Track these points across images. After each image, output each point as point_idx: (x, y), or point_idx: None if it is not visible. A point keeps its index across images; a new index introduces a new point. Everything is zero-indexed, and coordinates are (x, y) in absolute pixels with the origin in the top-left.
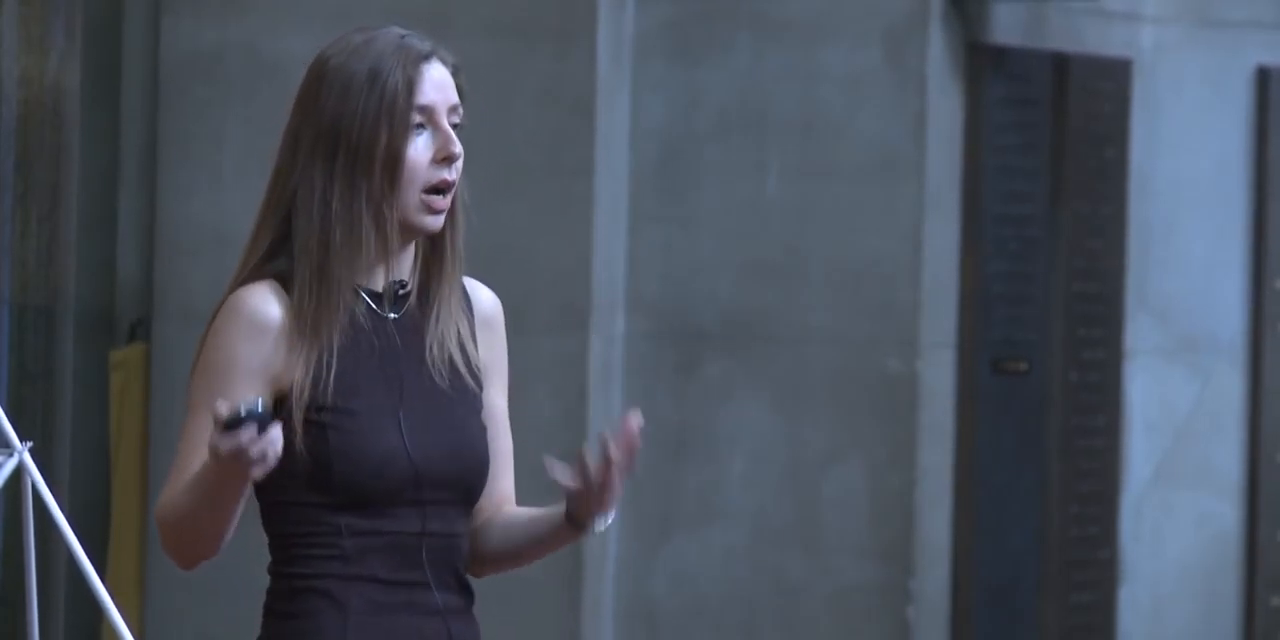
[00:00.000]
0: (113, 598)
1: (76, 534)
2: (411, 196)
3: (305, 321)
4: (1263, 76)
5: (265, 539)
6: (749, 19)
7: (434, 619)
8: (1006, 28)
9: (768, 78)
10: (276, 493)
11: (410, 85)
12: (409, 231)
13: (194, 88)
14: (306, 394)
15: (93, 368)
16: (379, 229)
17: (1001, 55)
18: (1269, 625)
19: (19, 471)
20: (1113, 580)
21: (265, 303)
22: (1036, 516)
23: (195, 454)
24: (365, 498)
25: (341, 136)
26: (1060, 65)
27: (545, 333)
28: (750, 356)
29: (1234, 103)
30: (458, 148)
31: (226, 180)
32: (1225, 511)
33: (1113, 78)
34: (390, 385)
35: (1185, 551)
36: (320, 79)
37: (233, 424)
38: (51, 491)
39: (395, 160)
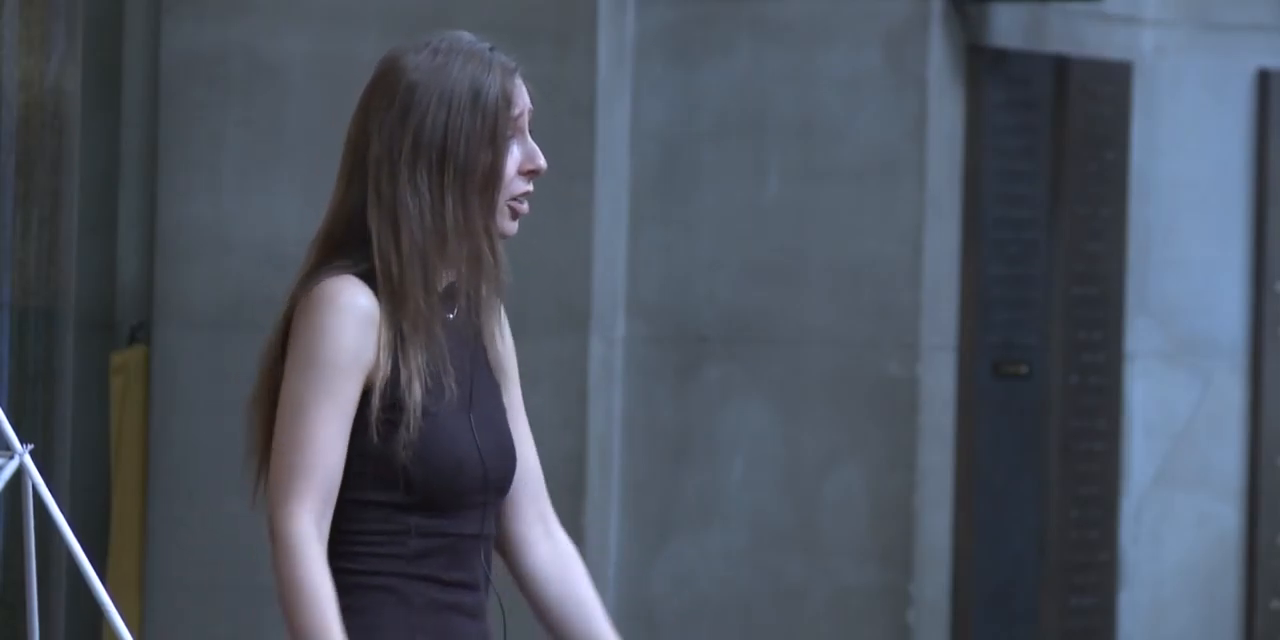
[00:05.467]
0: (113, 598)
1: (76, 535)
2: (501, 204)
3: (406, 324)
4: (1263, 79)
5: (263, 542)
6: (749, 21)
7: (479, 620)
8: (1007, 30)
9: (768, 80)
10: (347, 491)
11: (509, 101)
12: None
13: (194, 90)
14: (394, 395)
15: (93, 370)
16: (488, 237)
17: (1002, 58)
18: (1269, 628)
19: (20, 473)
20: (1113, 583)
21: (360, 295)
22: (1036, 519)
23: (327, 453)
24: (439, 499)
25: (449, 152)
26: (1060, 68)
27: (545, 334)
28: (750, 358)
29: (1234, 106)
30: (543, 162)
31: (226, 183)
32: (1225, 514)
33: (1113, 80)
34: (461, 387)
35: (1185, 554)
36: (417, 90)
37: None
38: (52, 493)
39: (499, 176)
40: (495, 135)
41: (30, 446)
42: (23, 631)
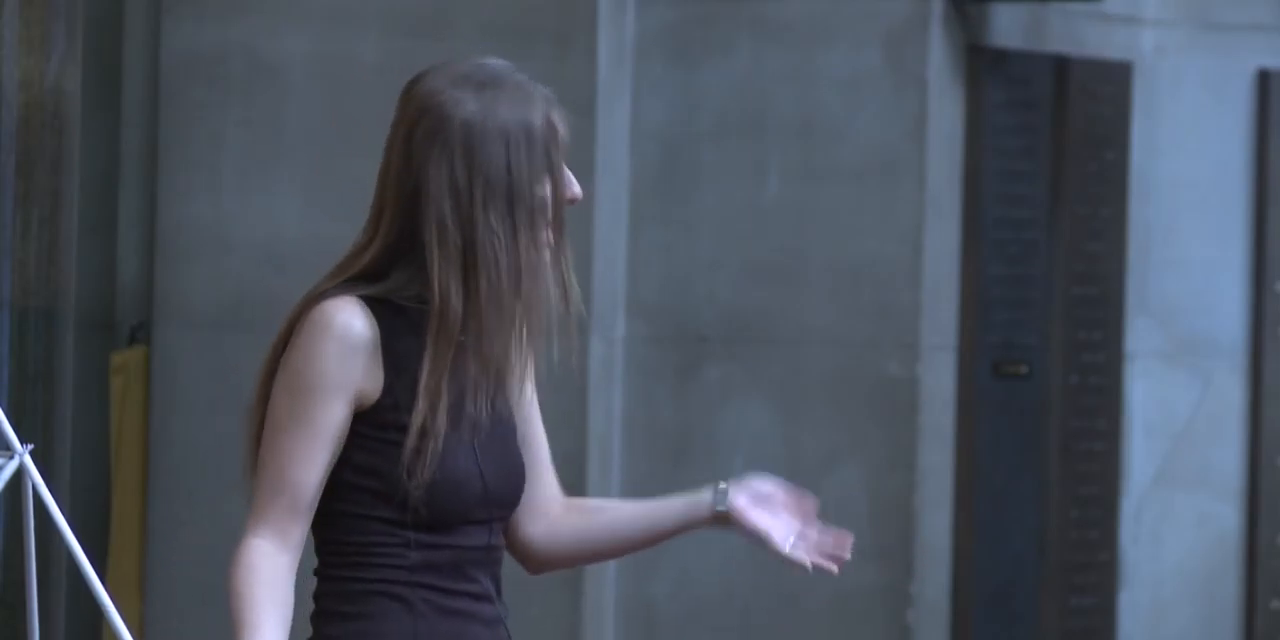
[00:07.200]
0: (113, 598)
1: (76, 535)
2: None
3: (477, 363)
4: (1263, 79)
5: None
6: (749, 21)
7: (492, 629)
8: (1007, 30)
9: (768, 80)
10: (344, 504)
11: (557, 134)
12: None
13: (194, 90)
14: (398, 418)
15: (93, 370)
16: (562, 268)
17: (1002, 58)
18: (1269, 628)
19: (20, 473)
20: (1113, 583)
21: (355, 319)
22: (1036, 519)
23: (296, 474)
24: (439, 517)
25: (517, 192)
26: (1060, 68)
27: (545, 335)
28: (750, 359)
29: (1234, 106)
30: (579, 190)
31: (226, 183)
32: (1225, 514)
33: (1113, 80)
34: (466, 408)
35: (1185, 554)
36: (471, 129)
37: None
38: (52, 493)
39: (560, 207)
40: (552, 166)
41: (30, 446)
42: (23, 631)
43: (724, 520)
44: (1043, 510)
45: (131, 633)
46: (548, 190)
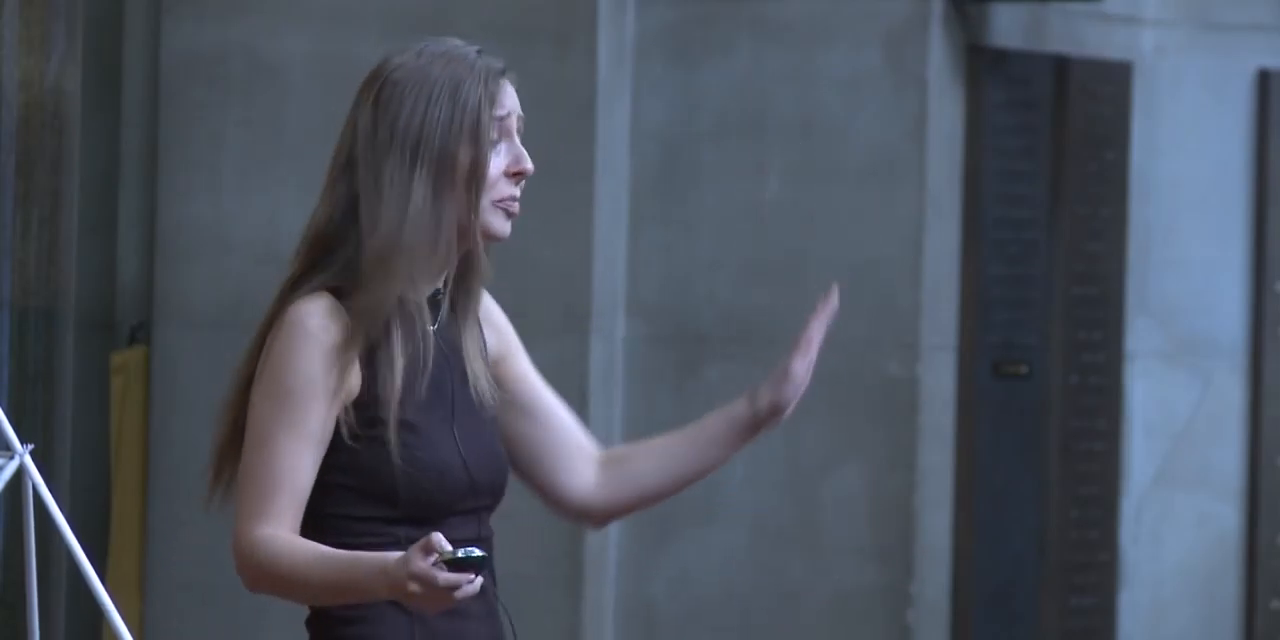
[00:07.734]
0: (113, 598)
1: (76, 535)
2: (487, 204)
3: (373, 335)
4: (1263, 79)
5: None
6: (749, 21)
7: (489, 622)
8: (1007, 30)
9: (768, 80)
10: (334, 507)
11: (492, 100)
12: (483, 238)
13: (194, 90)
14: (372, 411)
15: (93, 370)
16: (461, 236)
17: (1002, 58)
18: (1269, 628)
19: (20, 474)
20: (1113, 583)
21: (328, 318)
22: (1036, 519)
23: (289, 479)
24: (425, 510)
25: (424, 145)
26: (1061, 68)
27: (546, 335)
28: (750, 359)
29: (1234, 106)
30: (530, 165)
31: (226, 183)
32: (1225, 514)
33: (1113, 81)
34: (442, 397)
35: (1185, 554)
36: (397, 87)
37: (456, 565)
38: (52, 493)
39: (481, 174)
40: (477, 133)
41: (30, 446)
42: (23, 631)
43: (766, 411)
44: (1043, 510)
45: (131, 633)
46: (471, 154)
